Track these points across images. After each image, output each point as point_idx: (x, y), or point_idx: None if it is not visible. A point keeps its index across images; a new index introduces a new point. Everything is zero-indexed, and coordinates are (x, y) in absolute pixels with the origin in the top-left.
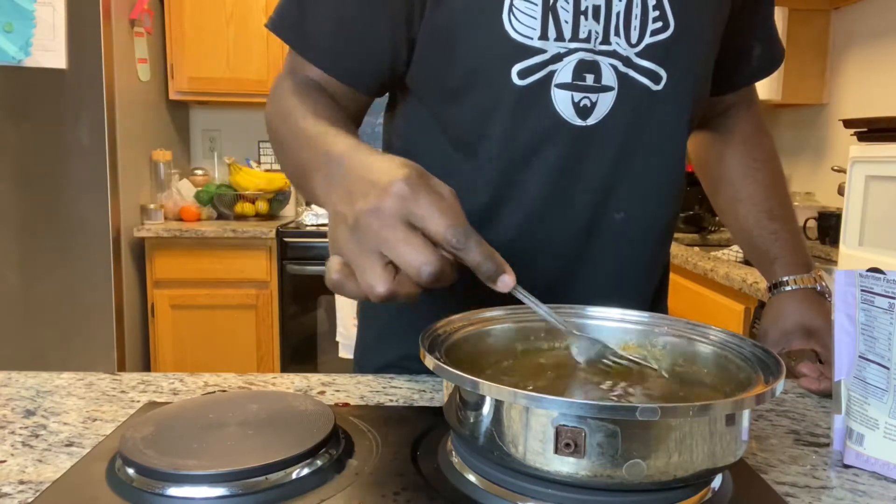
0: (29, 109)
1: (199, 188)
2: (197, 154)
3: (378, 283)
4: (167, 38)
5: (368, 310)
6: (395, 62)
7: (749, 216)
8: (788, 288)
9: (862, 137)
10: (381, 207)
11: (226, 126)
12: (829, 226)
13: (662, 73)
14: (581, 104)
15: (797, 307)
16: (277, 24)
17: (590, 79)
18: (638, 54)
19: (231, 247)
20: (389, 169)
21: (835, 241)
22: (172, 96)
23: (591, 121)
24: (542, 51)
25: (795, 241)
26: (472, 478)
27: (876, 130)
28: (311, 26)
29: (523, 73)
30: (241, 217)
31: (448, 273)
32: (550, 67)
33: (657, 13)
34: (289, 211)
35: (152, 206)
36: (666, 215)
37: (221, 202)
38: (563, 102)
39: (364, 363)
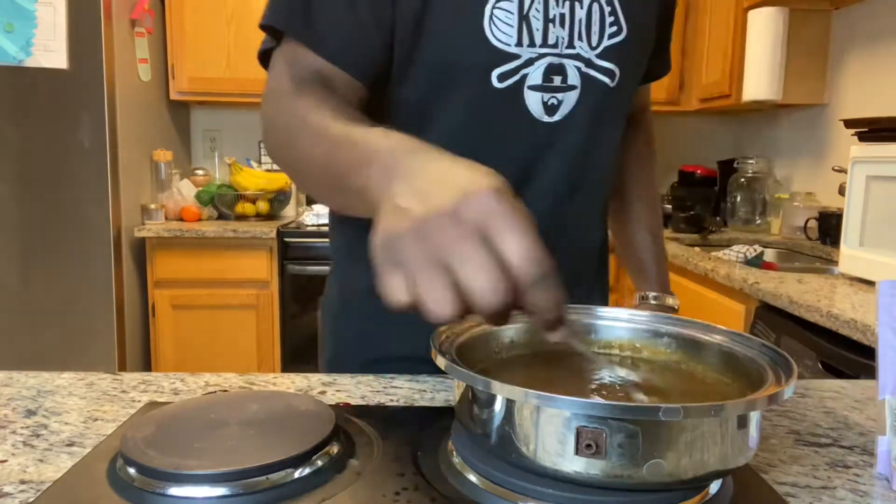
0: (30, 109)
1: (200, 188)
2: (197, 154)
3: (441, 305)
4: (168, 38)
5: (350, 304)
6: (384, 56)
7: (636, 233)
8: (653, 302)
9: (863, 137)
10: (461, 213)
11: (226, 126)
12: (829, 226)
13: (617, 71)
14: (549, 103)
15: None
16: (278, 19)
17: (557, 80)
18: (598, 55)
19: (232, 247)
20: (475, 175)
21: (835, 242)
22: (173, 96)
23: (556, 117)
24: (518, 56)
25: (664, 261)
26: (472, 478)
27: (877, 130)
28: (319, 18)
29: (502, 77)
30: (242, 217)
31: (509, 312)
32: (524, 71)
33: (612, 18)
34: (289, 211)
35: (153, 206)
36: (607, 196)
37: (222, 202)
38: (533, 102)
39: (342, 360)
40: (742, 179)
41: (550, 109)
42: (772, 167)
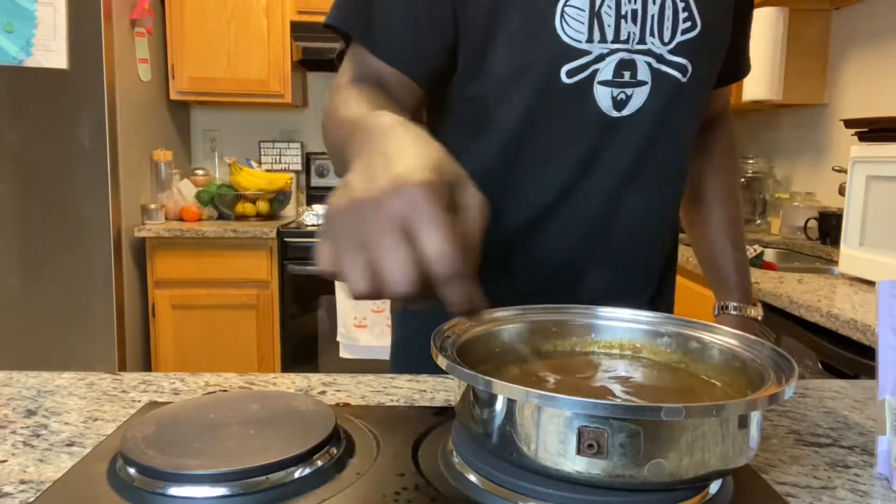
0: (30, 110)
1: (200, 188)
2: (197, 154)
3: (356, 283)
4: (168, 38)
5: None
6: (443, 57)
7: (717, 242)
8: (733, 312)
9: (863, 137)
10: (385, 203)
11: (226, 126)
12: (829, 226)
13: (689, 66)
14: (618, 98)
15: (736, 325)
16: (340, 19)
17: (627, 75)
18: (670, 51)
19: (232, 247)
20: (417, 165)
21: (835, 242)
22: (173, 96)
23: (625, 112)
24: (588, 52)
25: (747, 270)
26: (472, 478)
27: (877, 130)
28: (378, 19)
29: (571, 73)
30: (242, 217)
31: (423, 298)
32: (594, 67)
33: (686, 14)
34: (289, 211)
35: (153, 206)
36: (678, 198)
37: (222, 202)
38: (603, 97)
39: (405, 351)
40: (742, 179)
41: (619, 104)
42: (772, 167)
